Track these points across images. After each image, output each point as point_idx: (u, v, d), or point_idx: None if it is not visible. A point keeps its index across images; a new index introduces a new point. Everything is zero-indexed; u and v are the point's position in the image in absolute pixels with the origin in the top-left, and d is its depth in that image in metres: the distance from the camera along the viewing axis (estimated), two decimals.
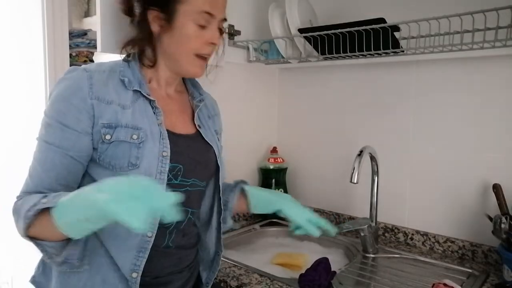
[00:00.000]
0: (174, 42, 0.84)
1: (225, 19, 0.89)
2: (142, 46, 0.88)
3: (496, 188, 1.12)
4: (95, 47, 1.34)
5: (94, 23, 1.20)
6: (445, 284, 0.93)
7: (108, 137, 0.78)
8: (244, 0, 1.53)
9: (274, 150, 1.67)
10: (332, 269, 1.06)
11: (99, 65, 0.84)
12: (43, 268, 0.88)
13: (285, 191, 1.64)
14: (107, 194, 0.57)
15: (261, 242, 1.45)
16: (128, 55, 0.89)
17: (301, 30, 1.31)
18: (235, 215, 1.55)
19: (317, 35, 1.25)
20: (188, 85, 1.00)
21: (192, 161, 0.88)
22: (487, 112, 1.20)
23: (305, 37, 1.31)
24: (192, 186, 0.89)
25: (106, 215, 0.57)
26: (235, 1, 1.48)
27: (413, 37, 1.15)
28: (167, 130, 0.84)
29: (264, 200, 1.08)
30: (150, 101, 0.84)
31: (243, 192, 1.09)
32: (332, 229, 1.03)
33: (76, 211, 0.62)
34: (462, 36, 1.05)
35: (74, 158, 0.77)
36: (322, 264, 1.04)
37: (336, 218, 1.54)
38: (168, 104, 0.90)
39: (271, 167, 1.63)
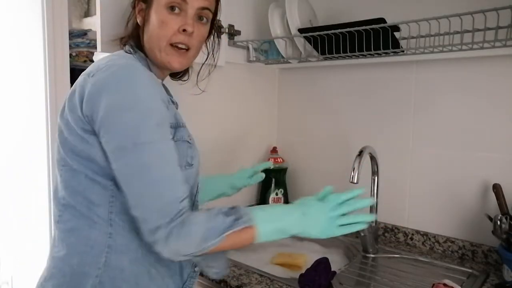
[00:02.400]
0: (150, 31, 0.81)
1: (206, 9, 0.82)
2: (133, 41, 0.86)
3: (496, 188, 1.12)
4: (95, 47, 1.34)
5: (94, 23, 1.20)
6: (445, 284, 0.93)
7: (170, 136, 0.76)
8: (244, 0, 1.53)
9: (274, 150, 1.67)
10: (332, 269, 1.06)
11: (136, 62, 0.78)
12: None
13: (285, 191, 1.64)
14: (313, 229, 0.78)
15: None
16: (131, 51, 0.85)
17: (301, 30, 1.31)
18: None
19: (317, 35, 1.25)
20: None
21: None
22: (487, 112, 1.20)
23: (305, 37, 1.31)
24: None
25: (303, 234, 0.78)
26: (235, 1, 1.49)
27: (413, 37, 1.15)
28: None
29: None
30: (173, 102, 0.88)
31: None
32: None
33: (275, 233, 0.76)
34: (462, 36, 1.05)
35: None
36: (322, 264, 1.04)
37: None
38: None
39: (271, 167, 1.63)
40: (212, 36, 0.95)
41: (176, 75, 1.00)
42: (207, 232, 0.70)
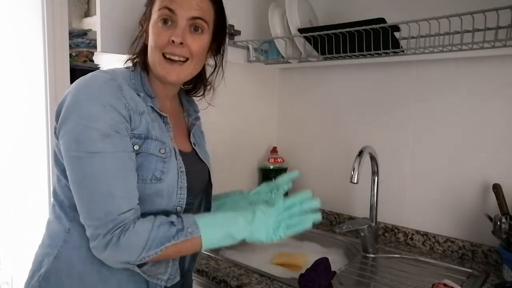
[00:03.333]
0: (149, 46, 0.83)
1: (198, 18, 0.82)
2: (142, 58, 0.87)
3: (496, 188, 1.12)
4: (95, 47, 1.34)
5: (94, 23, 1.20)
6: (445, 284, 0.93)
7: (136, 147, 0.76)
8: (244, 0, 1.53)
9: (274, 150, 1.67)
10: (332, 269, 1.06)
11: (117, 74, 0.80)
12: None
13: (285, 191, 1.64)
14: (260, 233, 0.81)
15: None
16: (133, 64, 0.87)
17: (301, 30, 1.31)
18: None
19: (317, 35, 1.25)
20: (184, 101, 0.99)
21: (193, 179, 0.87)
22: (487, 112, 1.20)
23: (305, 37, 1.31)
24: (188, 204, 0.86)
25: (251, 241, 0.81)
26: (235, 1, 1.49)
27: (413, 37, 1.15)
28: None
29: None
30: (162, 116, 0.84)
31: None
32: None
33: (222, 240, 0.79)
34: (462, 36, 1.05)
35: (133, 162, 0.77)
36: (322, 264, 1.04)
37: (336, 218, 1.54)
38: (172, 120, 0.88)
39: (271, 167, 1.63)
40: (220, 51, 0.94)
41: (191, 91, 1.00)
42: (148, 243, 0.73)
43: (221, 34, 0.91)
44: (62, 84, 1.29)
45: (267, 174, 1.64)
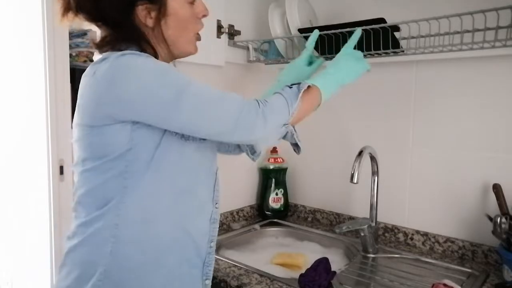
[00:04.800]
0: (172, 27, 0.83)
1: None
2: (139, 44, 0.83)
3: (496, 188, 1.12)
4: None
5: None
6: (445, 284, 0.93)
7: None
8: (244, 0, 1.53)
9: (274, 150, 1.67)
10: (332, 269, 1.06)
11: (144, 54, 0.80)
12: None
13: (285, 191, 1.65)
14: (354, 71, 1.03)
15: (261, 242, 1.45)
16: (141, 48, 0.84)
17: (301, 30, 1.31)
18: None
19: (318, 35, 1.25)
20: None
21: None
22: (487, 112, 1.20)
23: (305, 37, 1.31)
24: None
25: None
26: (235, 1, 1.49)
27: (413, 37, 1.15)
28: None
29: None
30: None
31: None
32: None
33: (334, 84, 0.98)
34: (462, 36, 1.05)
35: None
36: (322, 264, 1.04)
37: (336, 218, 1.54)
38: None
39: (271, 167, 1.63)
40: None
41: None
42: (288, 100, 0.84)
43: None
44: (62, 84, 1.29)
45: (267, 174, 1.65)
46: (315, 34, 1.13)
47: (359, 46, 1.18)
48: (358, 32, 1.04)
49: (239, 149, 1.13)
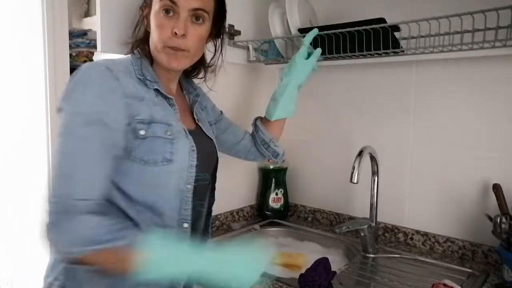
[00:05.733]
0: (151, 34, 0.86)
1: (200, 10, 0.84)
2: (143, 44, 0.90)
3: (496, 188, 1.12)
4: (95, 47, 1.34)
5: (94, 23, 1.20)
6: (445, 284, 0.93)
7: (142, 132, 0.78)
8: (244, 0, 1.53)
9: None
10: (332, 269, 1.05)
11: (115, 64, 0.81)
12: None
13: (285, 191, 1.64)
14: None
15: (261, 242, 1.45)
16: (133, 53, 0.90)
17: (301, 30, 1.31)
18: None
19: (317, 35, 1.25)
20: (182, 81, 1.02)
21: (203, 155, 0.90)
22: (487, 112, 1.20)
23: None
24: (202, 180, 0.91)
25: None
26: (235, 1, 1.48)
27: (413, 37, 1.15)
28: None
29: (271, 101, 1.18)
30: (167, 98, 0.86)
31: (262, 120, 1.21)
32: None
33: (174, 270, 0.73)
34: (462, 36, 1.05)
35: (115, 158, 0.77)
36: (322, 264, 1.04)
37: (336, 218, 1.54)
38: (176, 101, 0.91)
39: (271, 167, 1.63)
40: (220, 35, 0.99)
41: (191, 73, 1.03)
42: (90, 237, 0.69)
43: (221, 19, 0.95)
44: (62, 84, 1.28)
45: (267, 174, 1.65)
46: (314, 31, 1.17)
47: (359, 46, 1.19)
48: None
49: (263, 156, 1.24)
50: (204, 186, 0.94)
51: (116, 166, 0.77)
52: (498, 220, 1.07)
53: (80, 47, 2.03)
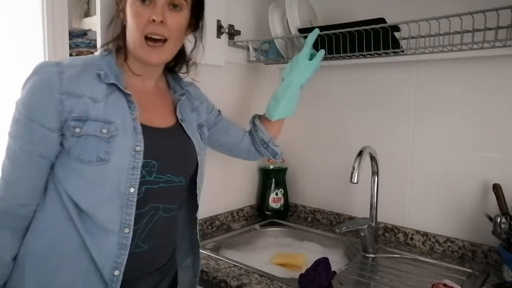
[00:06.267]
0: (128, 26, 0.84)
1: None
2: (119, 41, 0.88)
3: (496, 188, 1.12)
4: (95, 47, 1.34)
5: (94, 23, 1.20)
6: (445, 284, 0.93)
7: (77, 130, 0.76)
8: (244, 0, 1.53)
9: None
10: (332, 269, 1.06)
11: (73, 60, 0.82)
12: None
13: (285, 191, 1.64)
14: None
15: (261, 242, 1.45)
16: (106, 51, 0.88)
17: (301, 30, 1.31)
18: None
19: (317, 35, 1.25)
20: (170, 79, 1.00)
21: (167, 156, 0.86)
22: (487, 112, 1.20)
23: (305, 37, 1.31)
24: (167, 182, 0.86)
25: None
26: (235, 1, 1.49)
27: (413, 37, 1.15)
28: (143, 125, 0.82)
29: (272, 101, 1.19)
30: (126, 95, 0.82)
31: (261, 119, 1.21)
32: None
33: None
34: (462, 36, 1.05)
35: (42, 156, 0.78)
36: (322, 264, 1.04)
37: (336, 218, 1.54)
38: (147, 98, 0.89)
39: (271, 167, 1.63)
40: (200, 26, 0.96)
41: (173, 68, 1.01)
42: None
43: (199, 9, 0.92)
44: None
45: (267, 174, 1.65)
46: (315, 32, 1.17)
47: (359, 46, 1.19)
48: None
49: (261, 156, 1.25)
50: (170, 190, 0.88)
51: (58, 166, 0.79)
52: (498, 220, 1.07)
53: (80, 47, 2.03)
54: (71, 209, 0.78)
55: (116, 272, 0.78)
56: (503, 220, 1.07)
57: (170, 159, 0.87)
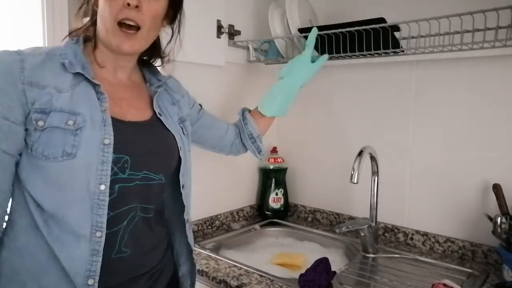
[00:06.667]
0: (100, 13, 0.78)
1: None
2: (88, 28, 0.83)
3: (496, 188, 1.12)
4: None
5: None
6: (445, 284, 0.93)
7: (41, 123, 0.70)
8: (244, 0, 1.53)
9: (274, 150, 1.67)
10: (332, 269, 1.06)
11: (36, 49, 0.76)
12: None
13: (285, 191, 1.64)
14: None
15: (261, 242, 1.45)
16: (73, 39, 0.82)
17: (301, 30, 1.31)
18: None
19: (317, 35, 1.25)
20: (146, 72, 0.94)
21: (142, 151, 0.80)
22: (487, 112, 1.20)
23: (305, 37, 1.31)
24: (143, 179, 0.80)
25: None
26: (235, 1, 1.49)
27: (413, 37, 1.15)
28: (114, 118, 0.77)
29: (268, 97, 1.18)
30: (94, 85, 0.76)
31: (251, 113, 1.20)
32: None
33: None
34: (462, 36, 1.05)
35: (6, 152, 0.71)
36: (322, 264, 1.04)
37: (336, 218, 1.54)
38: (119, 91, 0.83)
39: (271, 167, 1.63)
40: (177, 18, 0.90)
41: (147, 62, 0.95)
42: None
43: (178, 0, 0.88)
44: None
45: (267, 174, 1.65)
46: (314, 31, 1.17)
47: (359, 46, 1.19)
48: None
49: (245, 150, 1.22)
50: (149, 188, 0.82)
51: (21, 167, 0.73)
52: (498, 220, 1.07)
53: None
54: (36, 216, 0.72)
55: (90, 281, 0.72)
56: (503, 220, 1.07)
57: (145, 154, 0.81)
